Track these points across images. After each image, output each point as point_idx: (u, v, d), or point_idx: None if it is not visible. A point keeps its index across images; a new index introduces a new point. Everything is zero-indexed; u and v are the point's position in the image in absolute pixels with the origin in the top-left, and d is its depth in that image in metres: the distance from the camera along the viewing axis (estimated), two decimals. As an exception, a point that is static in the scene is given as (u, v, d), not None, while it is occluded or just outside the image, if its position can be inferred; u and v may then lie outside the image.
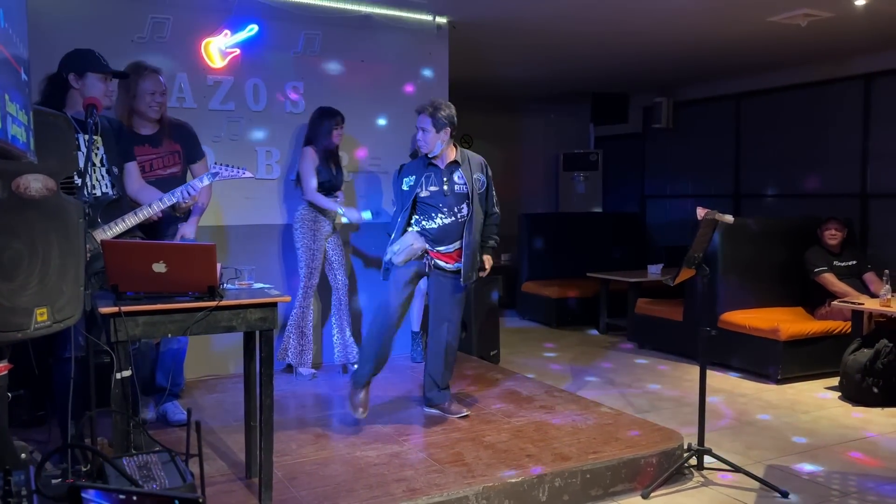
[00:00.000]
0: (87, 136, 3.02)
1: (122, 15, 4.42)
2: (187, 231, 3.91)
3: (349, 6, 5.10)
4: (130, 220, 3.16)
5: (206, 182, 3.41)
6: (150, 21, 4.50)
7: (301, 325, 4.80)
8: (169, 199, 3.28)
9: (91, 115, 2.94)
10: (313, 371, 4.83)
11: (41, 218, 2.04)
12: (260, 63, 4.87)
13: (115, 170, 3.28)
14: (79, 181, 2.88)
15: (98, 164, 3.19)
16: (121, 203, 3.25)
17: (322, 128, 4.70)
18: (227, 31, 4.73)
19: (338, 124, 4.72)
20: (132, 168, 3.47)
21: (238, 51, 4.78)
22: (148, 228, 3.45)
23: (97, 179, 3.17)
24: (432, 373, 4.00)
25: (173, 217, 3.72)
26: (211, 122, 4.74)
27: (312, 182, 4.66)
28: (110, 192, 3.20)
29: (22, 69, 1.85)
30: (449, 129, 3.85)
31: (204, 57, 4.69)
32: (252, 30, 4.79)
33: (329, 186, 4.72)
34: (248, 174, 3.52)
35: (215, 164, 3.50)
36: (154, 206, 3.24)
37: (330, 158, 4.74)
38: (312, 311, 4.84)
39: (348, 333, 4.90)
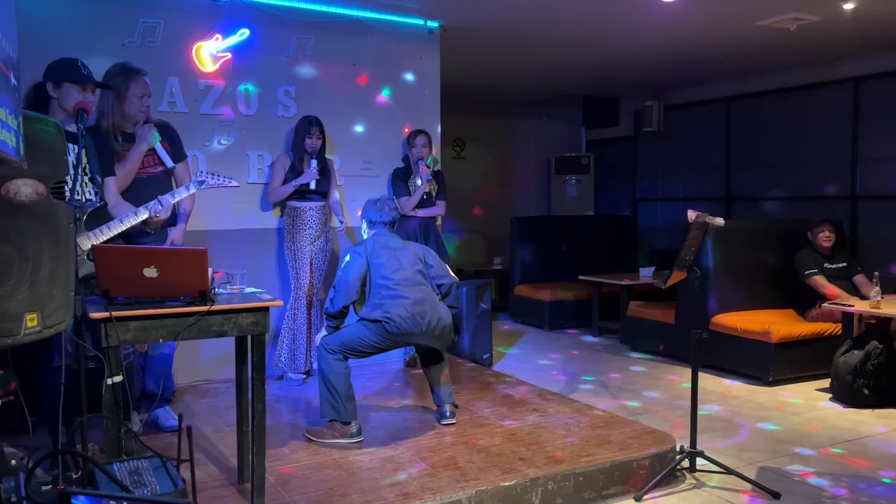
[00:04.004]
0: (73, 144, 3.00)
1: (113, 19, 4.41)
2: (176, 236, 3.90)
3: (340, 10, 5.10)
4: (116, 228, 3.14)
5: (192, 190, 3.44)
6: (141, 25, 4.49)
7: (292, 328, 4.80)
8: (142, 213, 3.26)
9: (81, 120, 2.93)
10: (303, 376, 4.83)
11: (31, 223, 2.03)
12: (251, 67, 4.87)
13: (99, 179, 3.27)
14: (68, 187, 2.87)
15: (82, 171, 3.17)
16: (105, 211, 3.24)
17: (296, 134, 4.80)
18: (218, 36, 4.72)
19: (311, 133, 4.74)
20: (110, 183, 3.48)
21: (229, 55, 4.78)
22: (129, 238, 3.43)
23: (80, 187, 3.15)
24: None
25: (144, 231, 3.59)
26: (202, 126, 4.73)
27: (274, 182, 4.81)
28: (94, 200, 3.19)
29: (12, 73, 1.84)
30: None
31: (195, 61, 4.69)
32: (243, 34, 4.78)
33: (303, 190, 4.75)
34: (234, 183, 3.54)
35: (201, 171, 3.50)
36: (140, 212, 3.24)
37: (305, 164, 4.77)
38: (305, 314, 4.83)
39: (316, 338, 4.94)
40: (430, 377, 4.03)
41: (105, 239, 3.09)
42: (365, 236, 4.04)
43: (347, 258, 3.87)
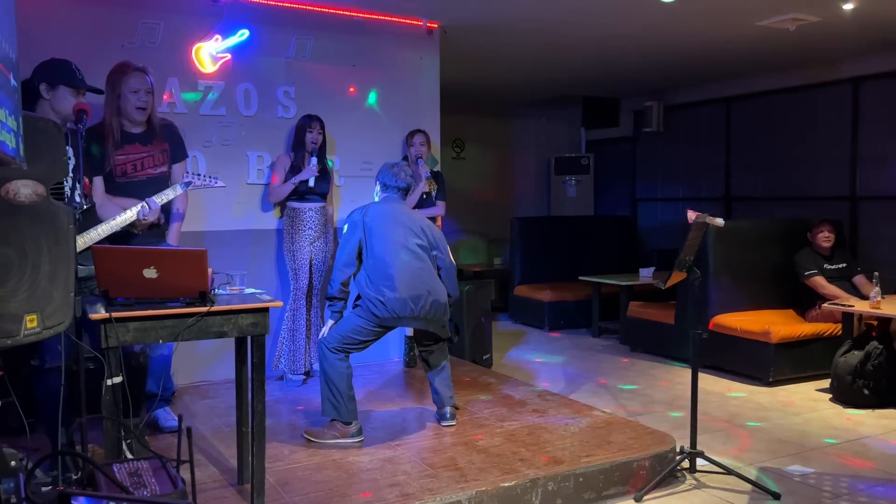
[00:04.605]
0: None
1: (113, 20, 4.41)
2: (170, 238, 3.88)
3: (340, 11, 5.10)
4: (103, 230, 3.13)
5: (178, 191, 3.43)
6: (141, 26, 4.49)
7: (292, 328, 4.80)
8: (129, 214, 3.23)
9: (81, 122, 2.92)
10: (303, 377, 4.82)
11: (31, 224, 2.03)
12: (251, 68, 4.87)
13: (87, 180, 3.27)
14: (68, 189, 2.87)
15: (71, 172, 3.17)
16: (92, 213, 3.23)
17: (297, 132, 4.80)
18: (217, 36, 4.72)
19: (312, 127, 4.75)
20: (98, 182, 3.47)
21: (229, 56, 4.78)
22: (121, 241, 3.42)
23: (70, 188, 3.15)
24: None
25: (131, 232, 3.55)
26: (202, 127, 4.73)
27: (275, 180, 4.79)
28: (84, 202, 3.18)
29: (11, 74, 1.84)
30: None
31: (195, 62, 4.68)
32: (243, 35, 4.78)
33: (303, 190, 4.75)
34: (220, 184, 3.54)
35: (187, 172, 3.50)
36: (128, 213, 3.22)
37: (305, 163, 4.78)
38: (304, 315, 4.84)
39: (316, 335, 4.96)
40: (427, 368, 3.97)
41: (93, 241, 3.09)
42: (376, 199, 3.96)
43: (346, 228, 3.80)
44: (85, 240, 3.07)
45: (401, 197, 3.93)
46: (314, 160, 4.73)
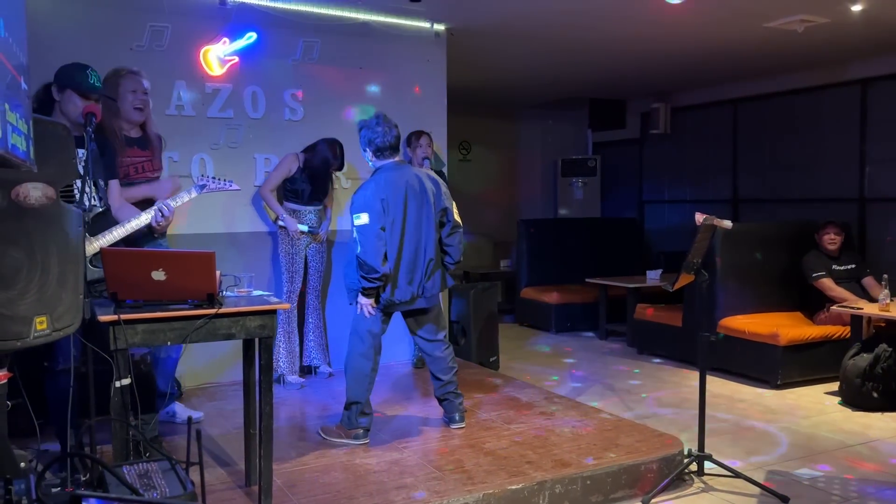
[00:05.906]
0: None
1: (121, 23, 4.42)
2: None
3: (347, 14, 5.12)
4: (118, 232, 3.14)
5: (193, 194, 3.41)
6: (149, 29, 4.50)
7: (288, 331, 4.81)
8: (146, 217, 3.26)
9: (90, 124, 2.93)
10: (302, 380, 4.82)
11: (40, 226, 2.04)
12: (259, 71, 4.88)
13: (101, 182, 3.27)
14: (77, 191, 2.88)
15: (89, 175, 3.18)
16: (107, 215, 3.24)
17: (318, 150, 4.77)
18: (225, 39, 4.74)
19: (332, 164, 4.78)
20: (114, 185, 3.47)
21: (237, 58, 4.79)
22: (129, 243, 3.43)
23: (89, 190, 3.16)
24: None
25: (150, 236, 3.58)
26: (210, 129, 4.74)
27: (270, 182, 4.75)
28: (98, 205, 3.19)
29: (22, 78, 1.85)
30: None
31: (202, 65, 4.70)
32: (250, 38, 4.80)
33: (301, 190, 4.77)
34: (235, 187, 3.53)
35: (202, 175, 3.49)
36: (143, 217, 3.24)
37: (313, 173, 4.79)
38: (297, 315, 4.85)
39: (319, 337, 4.99)
40: (434, 378, 3.97)
41: (108, 244, 3.09)
42: (370, 163, 3.76)
43: (364, 219, 3.54)
44: (100, 243, 3.08)
45: (396, 155, 3.73)
46: (303, 227, 4.73)
